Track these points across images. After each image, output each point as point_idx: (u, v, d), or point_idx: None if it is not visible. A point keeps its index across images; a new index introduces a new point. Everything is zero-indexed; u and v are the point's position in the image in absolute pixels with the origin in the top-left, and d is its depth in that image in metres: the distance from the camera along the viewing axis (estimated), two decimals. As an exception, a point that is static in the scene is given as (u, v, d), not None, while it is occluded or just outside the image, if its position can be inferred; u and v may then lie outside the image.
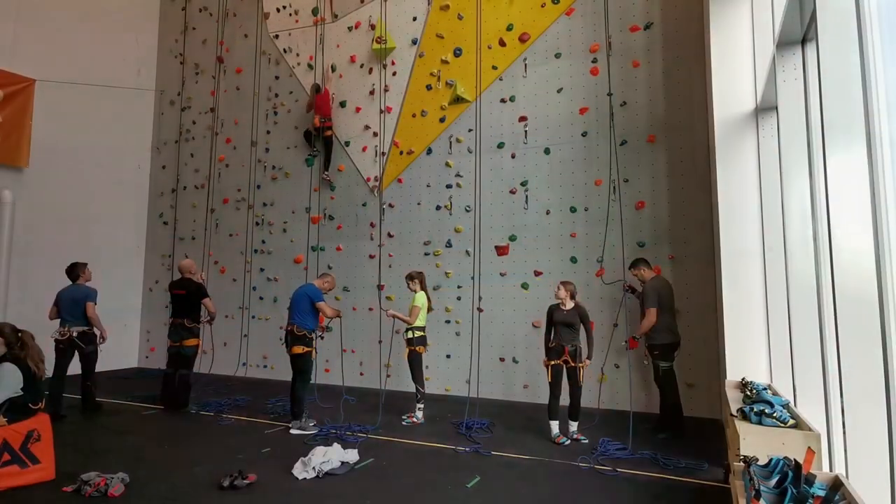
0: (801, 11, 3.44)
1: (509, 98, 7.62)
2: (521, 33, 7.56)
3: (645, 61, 6.89)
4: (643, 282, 5.77)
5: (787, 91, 3.98)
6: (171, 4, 10.93)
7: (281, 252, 9.19)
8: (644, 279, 5.76)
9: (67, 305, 6.28)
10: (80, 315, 6.27)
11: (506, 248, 7.48)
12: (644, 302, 5.60)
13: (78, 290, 6.39)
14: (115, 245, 10.04)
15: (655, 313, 5.49)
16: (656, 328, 5.53)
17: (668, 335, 5.59)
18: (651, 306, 5.52)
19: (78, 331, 6.27)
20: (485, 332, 7.38)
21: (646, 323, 5.52)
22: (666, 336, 5.57)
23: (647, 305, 5.54)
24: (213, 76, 10.16)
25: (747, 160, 5.22)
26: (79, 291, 6.39)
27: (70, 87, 9.29)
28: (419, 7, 8.30)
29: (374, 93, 8.55)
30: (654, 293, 5.60)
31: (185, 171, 10.31)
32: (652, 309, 5.51)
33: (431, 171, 8.07)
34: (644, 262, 5.88)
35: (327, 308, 6.02)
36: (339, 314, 6.33)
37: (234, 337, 9.31)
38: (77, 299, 6.32)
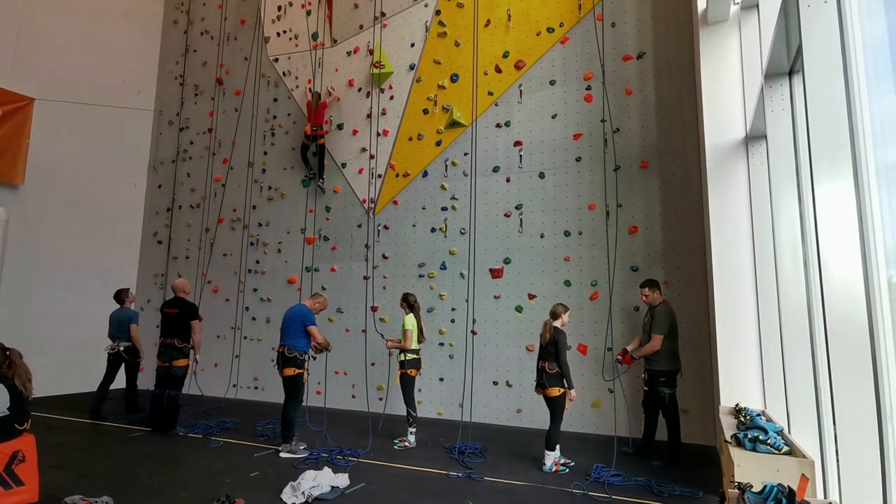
0: (788, 44, 3.55)
1: (505, 123, 7.73)
2: (517, 60, 7.72)
3: (637, 89, 7.03)
4: (652, 305, 5.73)
5: (775, 120, 4.07)
6: (174, 27, 11.10)
7: (275, 272, 9.17)
8: (653, 302, 5.71)
9: (115, 326, 7.43)
10: (125, 334, 7.37)
11: (500, 271, 7.50)
12: (654, 326, 5.52)
13: (123, 313, 7.49)
14: (108, 263, 9.98)
15: (661, 341, 5.46)
16: (663, 354, 5.48)
17: (675, 362, 5.55)
18: (661, 333, 5.46)
19: (125, 346, 7.36)
20: (478, 355, 7.35)
21: (649, 347, 5.47)
22: (673, 363, 5.54)
23: (658, 331, 5.47)
24: (212, 97, 10.27)
25: (738, 187, 5.30)
26: (124, 314, 7.48)
27: (69, 105, 9.36)
28: (417, 34, 8.47)
29: (371, 116, 8.66)
30: (668, 320, 5.54)
31: (182, 191, 10.33)
32: (661, 336, 5.46)
33: (427, 194, 8.13)
34: (657, 284, 5.81)
35: (318, 334, 5.93)
36: (328, 346, 6.12)
37: (226, 358, 9.22)
38: (122, 321, 7.41)
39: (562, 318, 5.45)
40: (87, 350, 9.49)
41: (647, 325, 5.72)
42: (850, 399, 2.40)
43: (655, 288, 5.75)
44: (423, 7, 8.44)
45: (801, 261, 3.95)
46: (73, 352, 9.27)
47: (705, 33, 5.65)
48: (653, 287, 5.75)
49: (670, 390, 5.48)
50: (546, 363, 5.29)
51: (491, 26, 7.92)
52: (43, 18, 9.21)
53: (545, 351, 5.35)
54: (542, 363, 5.33)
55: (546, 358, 5.32)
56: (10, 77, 8.69)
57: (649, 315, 5.71)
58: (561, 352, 5.25)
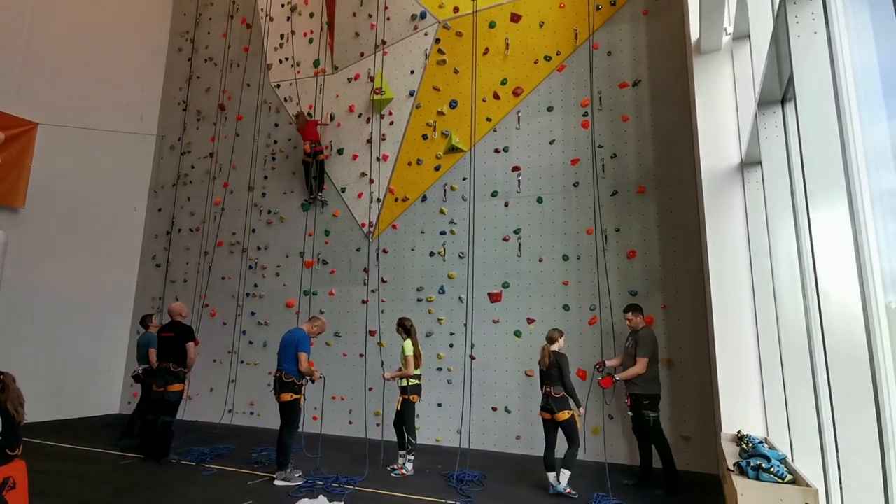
0: (780, 73, 3.62)
1: (503, 148, 7.82)
2: (515, 87, 7.85)
3: (634, 116, 7.14)
4: (635, 329, 5.75)
5: (769, 147, 4.12)
6: (178, 55, 11.30)
7: (273, 296, 9.14)
8: (637, 326, 5.74)
9: (139, 350, 7.49)
10: (144, 357, 7.34)
11: (499, 295, 7.49)
12: (639, 349, 5.53)
13: (144, 337, 7.49)
14: (105, 286, 9.96)
15: (646, 364, 5.46)
16: (647, 378, 5.48)
17: (657, 385, 5.56)
18: (646, 356, 5.47)
19: (143, 368, 7.32)
20: (477, 380, 7.28)
21: (634, 370, 5.47)
22: (655, 386, 5.54)
23: (643, 354, 5.48)
24: (213, 122, 10.39)
25: (735, 212, 5.34)
26: (144, 338, 7.47)
27: (72, 129, 9.46)
28: (417, 61, 8.63)
29: (371, 141, 8.76)
30: (653, 344, 5.57)
31: (181, 214, 10.37)
32: (646, 359, 5.47)
33: (426, 218, 8.17)
34: (641, 309, 5.87)
35: (304, 361, 5.77)
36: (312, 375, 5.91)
37: (222, 382, 9.12)
38: (142, 344, 7.44)
39: (558, 342, 5.50)
40: (81, 375, 9.42)
41: (629, 348, 5.73)
42: (852, 426, 2.38)
43: (639, 312, 5.80)
44: (423, 36, 8.62)
45: (799, 286, 3.95)
46: (68, 376, 9.19)
47: (699, 62, 5.77)
48: (636, 311, 5.80)
49: (654, 414, 5.46)
50: (551, 388, 5.29)
51: (489, 54, 8.08)
52: (49, 45, 9.37)
53: (548, 376, 5.34)
54: (547, 388, 5.32)
55: (550, 383, 5.32)
56: (14, 102, 8.80)
57: (632, 339, 5.73)
58: (565, 374, 5.28)
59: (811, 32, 2.69)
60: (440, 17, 8.52)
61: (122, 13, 10.61)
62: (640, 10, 7.28)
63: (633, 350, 5.62)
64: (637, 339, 5.62)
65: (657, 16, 7.16)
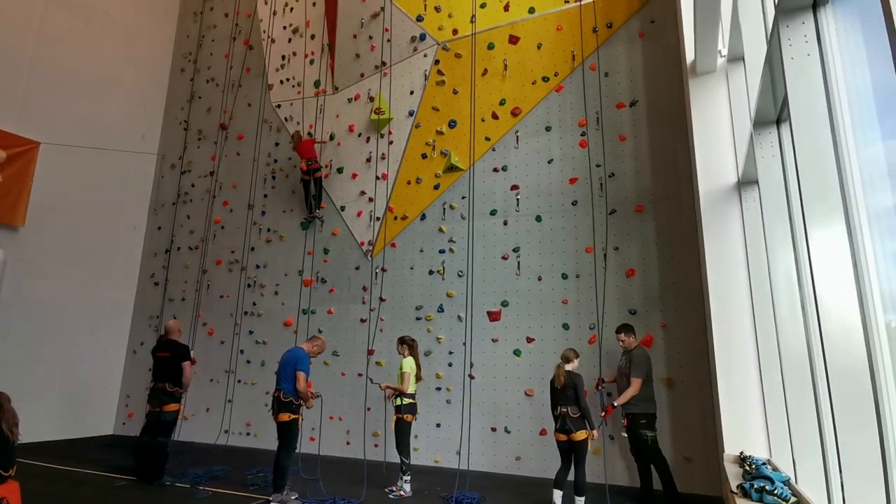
0: (774, 95, 3.66)
1: (502, 167, 7.87)
2: (513, 107, 7.93)
3: (631, 135, 7.20)
4: (628, 349, 5.73)
5: (766, 167, 4.15)
6: (181, 75, 11.44)
7: (271, 314, 9.10)
8: (630, 346, 5.72)
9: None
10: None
11: (498, 314, 7.46)
12: (633, 369, 5.51)
13: None
14: (103, 304, 9.92)
15: (641, 384, 5.43)
16: (642, 397, 5.46)
17: (653, 405, 5.54)
18: (641, 376, 5.46)
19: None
20: (476, 399, 7.22)
21: (629, 393, 5.44)
22: (651, 405, 5.52)
23: (637, 374, 5.46)
24: (214, 142, 10.48)
25: (733, 231, 5.36)
26: None
27: (73, 148, 9.52)
28: (416, 82, 8.74)
29: (370, 160, 8.81)
30: (646, 363, 5.57)
31: (181, 233, 10.39)
32: (640, 379, 5.44)
33: (425, 237, 8.18)
34: (633, 328, 5.88)
35: (302, 381, 5.68)
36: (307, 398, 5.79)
37: (218, 402, 9.03)
38: None
39: (573, 362, 5.51)
40: (75, 394, 9.33)
41: (623, 368, 5.71)
42: (854, 446, 2.35)
43: (631, 332, 5.80)
44: (423, 57, 8.74)
45: (798, 305, 3.94)
46: (62, 396, 9.09)
47: (695, 83, 5.85)
48: (629, 331, 5.80)
49: (652, 433, 5.43)
50: (568, 408, 5.26)
51: (488, 75, 8.18)
52: (53, 65, 9.48)
53: (563, 395, 5.31)
54: (563, 408, 5.29)
55: (566, 402, 5.30)
56: (17, 121, 8.87)
57: (626, 359, 5.71)
58: (580, 394, 5.26)
59: (804, 55, 2.73)
60: (440, 39, 8.65)
61: (127, 35, 10.76)
62: (636, 33, 7.40)
63: (627, 370, 5.60)
64: (631, 358, 5.61)
65: (653, 38, 7.28)
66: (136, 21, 10.95)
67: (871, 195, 2.56)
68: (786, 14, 2.81)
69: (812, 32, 2.74)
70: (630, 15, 7.47)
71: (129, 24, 10.82)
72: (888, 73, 1.81)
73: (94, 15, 10.22)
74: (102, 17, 10.35)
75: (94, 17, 10.23)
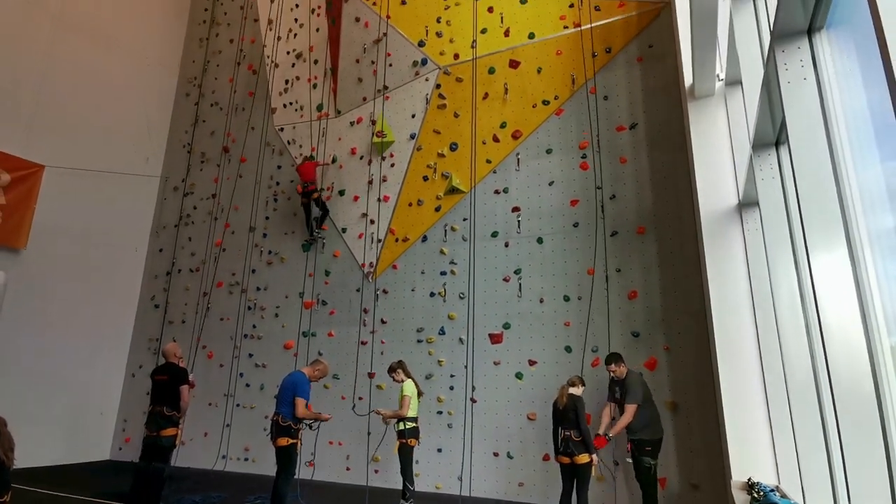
0: (773, 117, 3.69)
1: (503, 189, 7.90)
2: (514, 130, 8.01)
3: (631, 158, 7.24)
4: (619, 378, 5.64)
5: (766, 189, 4.16)
6: (185, 99, 11.60)
7: (271, 337, 9.05)
8: (621, 375, 5.64)
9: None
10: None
11: (500, 336, 7.41)
12: (627, 396, 5.41)
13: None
14: (103, 327, 9.87)
15: (634, 411, 5.34)
16: (646, 423, 5.37)
17: (658, 429, 5.45)
18: (635, 402, 5.35)
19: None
20: (478, 423, 7.12)
21: (623, 421, 5.36)
22: (657, 430, 5.42)
23: (631, 401, 5.36)
24: (217, 164, 10.56)
25: (735, 253, 5.35)
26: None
27: (77, 171, 9.60)
28: (418, 105, 8.84)
29: (372, 182, 8.87)
30: (640, 388, 5.47)
31: (182, 255, 10.40)
32: (634, 406, 5.35)
33: (426, 259, 8.18)
34: (621, 357, 5.81)
35: (301, 407, 5.60)
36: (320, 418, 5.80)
37: (216, 426, 8.91)
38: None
39: (577, 387, 5.50)
40: (73, 419, 9.22)
41: (616, 396, 5.64)
42: (863, 472, 2.30)
43: (620, 360, 5.74)
44: (424, 81, 8.87)
45: (802, 327, 3.90)
46: (60, 421, 8.99)
47: (693, 106, 5.91)
48: (618, 361, 5.73)
49: (655, 461, 5.33)
50: (571, 431, 5.23)
51: (489, 99, 8.28)
52: (60, 90, 9.61)
53: (565, 417, 5.28)
54: (566, 432, 5.24)
55: (567, 426, 5.27)
56: (23, 144, 8.96)
57: (619, 388, 5.62)
58: (581, 417, 5.22)
59: (800, 79, 2.76)
60: (441, 64, 8.78)
61: (134, 60, 10.95)
62: (634, 57, 7.51)
63: (622, 398, 5.51)
64: (625, 386, 5.52)
65: (651, 62, 7.38)
66: (142, 47, 11.15)
67: (871, 216, 2.56)
68: (781, 39, 2.85)
69: (808, 57, 2.77)
70: (628, 40, 7.59)
71: (135, 49, 11.02)
72: (884, 96, 1.82)
73: (101, 40, 10.42)
74: (109, 43, 10.55)
75: (102, 42, 10.43)
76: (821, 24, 2.81)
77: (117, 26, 10.73)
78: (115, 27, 10.68)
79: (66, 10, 9.88)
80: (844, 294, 2.46)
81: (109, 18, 10.59)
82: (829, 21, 2.83)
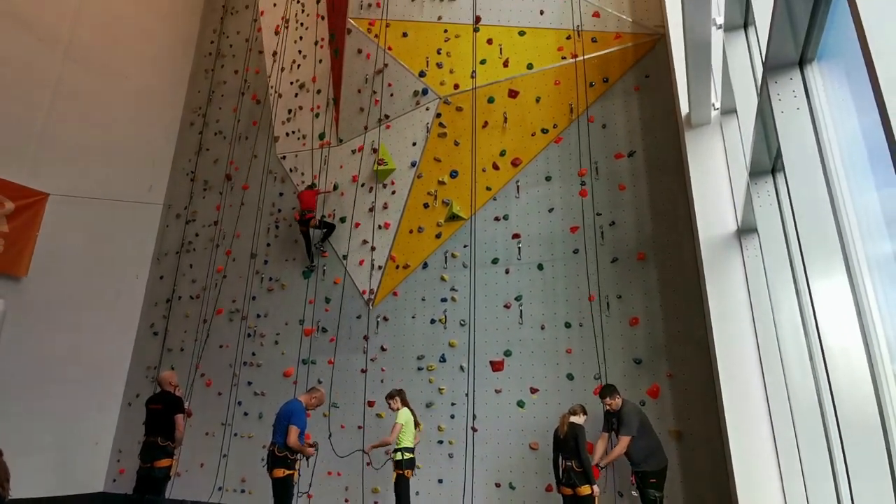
0: (768, 145, 3.75)
1: (503, 216, 7.95)
2: (514, 158, 8.10)
3: (630, 185, 7.31)
4: (615, 410, 5.53)
5: (764, 216, 4.19)
6: (190, 129, 11.78)
7: (271, 365, 8.97)
8: (616, 407, 5.53)
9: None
10: None
11: (501, 364, 7.34)
12: (621, 427, 5.31)
13: None
14: (101, 355, 9.80)
15: (628, 442, 5.24)
16: (649, 453, 5.27)
17: (662, 458, 5.34)
18: (629, 433, 5.25)
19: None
20: (479, 453, 7.00)
21: (617, 451, 5.26)
22: (661, 459, 5.32)
23: (626, 432, 5.26)
24: (220, 192, 10.66)
25: (736, 279, 5.35)
26: None
27: (81, 199, 9.68)
28: (419, 134, 8.97)
29: (373, 210, 8.93)
30: (635, 418, 5.37)
31: (183, 282, 10.40)
32: (628, 437, 5.24)
33: (427, 285, 8.17)
34: (616, 389, 5.69)
35: (293, 436, 5.55)
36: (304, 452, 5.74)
37: (213, 457, 8.76)
38: None
39: (579, 415, 5.45)
40: (68, 449, 9.08)
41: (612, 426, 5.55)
42: (870, 498, 2.26)
43: (615, 393, 5.62)
44: (425, 110, 9.01)
45: (806, 354, 3.88)
46: (55, 451, 8.85)
47: (690, 135, 5.99)
48: (612, 393, 5.60)
49: (661, 493, 5.20)
50: (573, 461, 5.15)
51: (488, 127, 8.40)
52: (67, 120, 9.77)
53: (565, 446, 5.19)
54: (567, 462, 5.14)
55: (569, 455, 5.19)
56: (29, 173, 9.07)
57: (615, 419, 5.52)
58: (581, 447, 5.14)
59: (794, 108, 2.81)
60: (441, 94, 8.94)
61: (141, 92, 11.16)
62: (631, 87, 7.65)
63: (617, 429, 5.43)
64: (620, 418, 5.42)
65: (648, 91, 7.51)
66: (149, 79, 11.38)
67: (870, 243, 2.58)
68: (773, 71, 2.91)
69: (800, 87, 2.83)
70: (625, 70, 7.75)
71: (142, 81, 11.24)
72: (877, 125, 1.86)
73: (109, 74, 10.63)
74: (117, 76, 10.77)
75: (110, 75, 10.64)
76: (812, 56, 2.88)
77: (125, 59, 10.97)
78: (122, 60, 10.92)
79: (75, 44, 10.12)
80: (846, 320, 2.46)
81: (118, 52, 10.84)
82: (819, 53, 2.90)
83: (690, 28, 4.56)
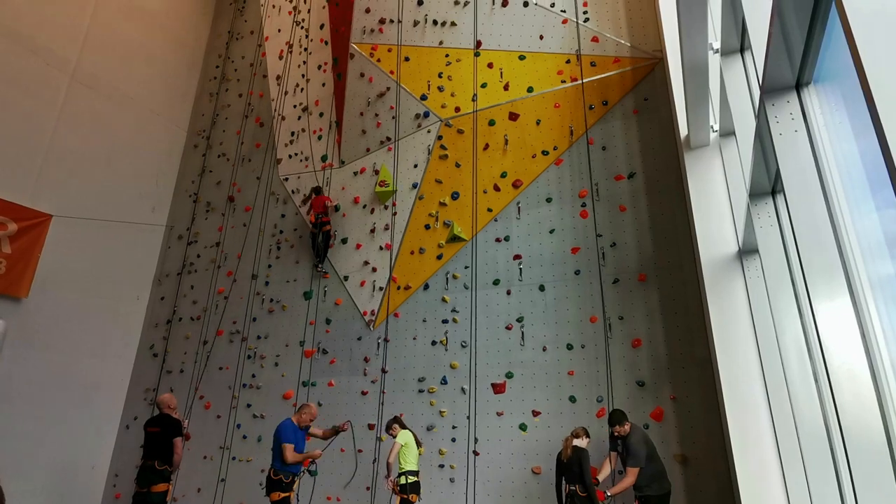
0: (767, 167, 3.78)
1: (504, 238, 7.97)
2: (515, 180, 8.16)
3: (631, 206, 7.34)
4: (623, 436, 5.41)
5: (765, 237, 4.21)
6: (193, 151, 11.90)
7: (270, 387, 8.89)
8: (625, 434, 5.40)
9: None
10: None
11: (503, 386, 7.28)
12: (629, 458, 5.21)
13: None
14: (100, 377, 9.73)
15: (637, 474, 5.13)
16: (653, 479, 5.18)
17: (666, 482, 5.25)
18: (638, 465, 5.14)
19: None
20: (481, 478, 6.89)
21: (626, 483, 5.14)
22: (664, 484, 5.22)
23: (634, 464, 5.15)
24: (222, 213, 10.71)
25: (738, 300, 5.34)
26: None
27: (83, 220, 9.72)
28: (420, 156, 9.06)
29: (374, 231, 8.96)
30: (644, 447, 5.25)
31: (183, 303, 10.38)
32: (637, 469, 5.14)
33: (428, 307, 8.15)
34: (625, 415, 5.55)
35: (288, 453, 5.47)
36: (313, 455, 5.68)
37: (211, 481, 8.62)
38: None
39: (582, 438, 5.38)
40: (65, 473, 8.95)
41: (619, 450, 5.46)
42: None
43: (625, 419, 5.48)
44: (426, 133, 9.12)
45: (811, 375, 3.85)
46: (52, 474, 8.73)
47: (690, 156, 6.05)
48: (622, 420, 5.45)
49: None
50: (577, 486, 5.06)
51: (489, 150, 8.49)
52: (72, 142, 9.87)
53: (569, 470, 5.10)
54: (571, 486, 5.06)
55: (572, 480, 5.10)
56: (31, 194, 9.14)
57: (622, 446, 5.42)
58: (585, 472, 5.06)
59: (792, 131, 2.85)
60: (442, 116, 9.06)
61: (146, 115, 11.31)
62: (630, 110, 7.75)
63: (625, 457, 5.33)
64: (628, 446, 5.31)
65: (647, 114, 7.61)
66: (154, 102, 11.54)
67: (871, 264, 2.58)
68: (770, 94, 2.96)
69: (797, 110, 2.87)
70: (624, 93, 7.86)
71: (147, 104, 11.40)
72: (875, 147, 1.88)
73: (115, 96, 10.79)
74: (122, 98, 10.92)
75: (116, 97, 10.80)
76: (808, 80, 2.93)
77: (130, 83, 11.14)
78: (128, 83, 11.09)
79: (81, 67, 10.29)
80: (850, 341, 2.45)
81: (123, 75, 11.01)
82: (816, 76, 2.95)
83: (688, 52, 4.64)
